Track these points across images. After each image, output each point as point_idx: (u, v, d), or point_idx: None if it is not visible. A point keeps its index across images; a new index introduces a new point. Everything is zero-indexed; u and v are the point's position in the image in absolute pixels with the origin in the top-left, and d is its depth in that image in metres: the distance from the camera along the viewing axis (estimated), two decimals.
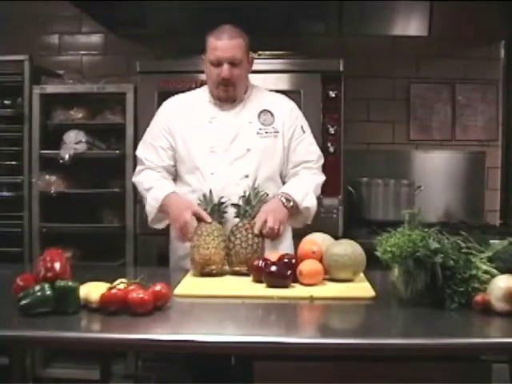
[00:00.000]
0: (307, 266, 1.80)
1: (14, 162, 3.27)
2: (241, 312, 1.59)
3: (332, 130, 3.03)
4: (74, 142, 3.17)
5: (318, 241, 1.93)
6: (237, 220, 2.04)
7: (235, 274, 1.96)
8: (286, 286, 1.75)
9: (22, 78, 3.21)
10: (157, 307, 1.52)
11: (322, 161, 2.36)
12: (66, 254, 2.74)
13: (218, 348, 1.37)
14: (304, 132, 2.31)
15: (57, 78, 3.36)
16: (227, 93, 2.19)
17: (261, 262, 1.83)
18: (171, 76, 3.05)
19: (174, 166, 2.28)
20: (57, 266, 1.55)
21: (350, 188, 3.36)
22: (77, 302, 1.50)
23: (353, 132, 3.48)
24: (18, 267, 2.24)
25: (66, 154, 3.13)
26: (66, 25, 3.73)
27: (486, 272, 1.58)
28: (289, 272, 1.77)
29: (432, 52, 3.62)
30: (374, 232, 1.81)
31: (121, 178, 3.17)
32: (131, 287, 1.52)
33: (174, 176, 2.30)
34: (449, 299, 1.54)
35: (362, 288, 1.77)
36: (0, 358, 2.08)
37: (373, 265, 1.80)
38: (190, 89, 2.44)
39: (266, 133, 2.24)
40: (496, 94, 3.65)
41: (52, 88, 3.23)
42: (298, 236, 2.07)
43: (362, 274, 1.89)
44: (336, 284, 1.82)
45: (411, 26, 3.54)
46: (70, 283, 1.51)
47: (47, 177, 3.20)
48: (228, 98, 2.22)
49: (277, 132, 2.25)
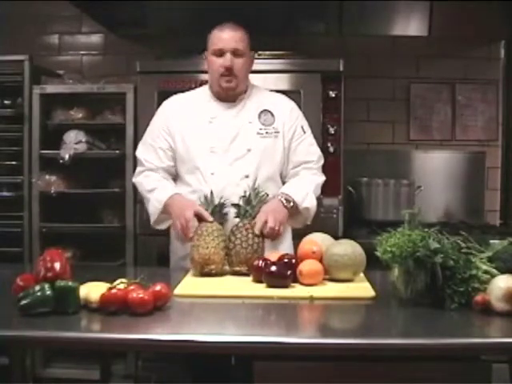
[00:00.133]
0: (307, 266, 1.80)
1: (14, 162, 3.27)
2: (241, 312, 1.58)
3: (332, 130, 3.04)
4: (74, 142, 3.17)
5: (318, 241, 1.93)
6: (237, 220, 2.04)
7: (235, 273, 1.96)
8: (286, 286, 1.75)
9: (22, 78, 3.21)
10: (157, 307, 1.51)
11: (322, 161, 2.36)
12: (66, 254, 2.75)
13: (218, 348, 1.37)
14: (304, 132, 2.30)
15: (57, 78, 3.36)
16: (229, 83, 2.19)
17: (261, 261, 1.83)
18: (171, 76, 3.05)
19: (174, 166, 2.28)
20: (57, 266, 1.55)
21: (350, 188, 3.36)
22: (77, 302, 1.50)
23: (353, 132, 3.48)
24: (18, 267, 2.24)
25: (66, 154, 3.13)
26: (66, 25, 3.73)
27: (486, 272, 1.58)
28: (289, 272, 1.77)
29: (432, 52, 3.62)
30: (374, 232, 1.81)
31: (121, 178, 3.17)
32: (131, 287, 1.51)
33: (173, 176, 2.30)
34: (449, 299, 1.54)
35: (362, 288, 1.77)
36: (0, 357, 2.08)
37: (373, 265, 1.80)
38: (189, 89, 2.44)
39: (266, 133, 2.23)
40: (496, 94, 3.65)
41: (52, 88, 3.23)
42: (298, 236, 2.07)
43: (362, 274, 1.89)
44: (336, 284, 1.82)
45: (411, 25, 3.54)
46: (70, 283, 1.51)
47: (47, 177, 3.20)
48: (230, 89, 2.21)
49: (277, 132, 2.25)
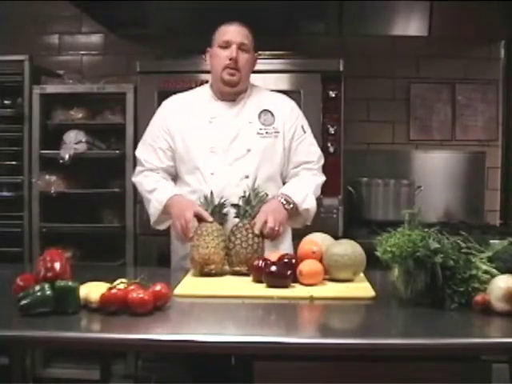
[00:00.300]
0: (307, 266, 1.80)
1: (14, 162, 3.27)
2: (241, 312, 1.58)
3: (332, 130, 3.04)
4: (74, 142, 3.17)
5: (318, 241, 1.93)
6: (237, 220, 2.04)
7: (235, 273, 1.96)
8: (286, 286, 1.75)
9: (22, 78, 3.21)
10: (157, 307, 1.51)
11: (323, 161, 2.36)
12: (66, 254, 2.75)
13: (218, 348, 1.37)
14: (305, 132, 2.30)
15: (57, 78, 3.37)
16: (232, 77, 2.18)
17: (261, 261, 1.83)
18: (171, 76, 3.05)
19: (174, 166, 2.27)
20: (57, 265, 1.55)
21: (350, 188, 3.36)
22: (77, 301, 1.50)
23: (353, 132, 3.48)
24: (18, 267, 2.24)
25: (66, 154, 3.13)
26: (66, 25, 3.73)
27: (486, 272, 1.58)
28: (289, 272, 1.77)
29: (432, 52, 3.62)
30: (374, 232, 1.81)
31: (121, 178, 3.17)
32: (131, 287, 1.51)
33: (173, 176, 2.29)
34: (449, 299, 1.54)
35: (362, 288, 1.77)
36: (0, 357, 2.08)
37: (373, 265, 1.80)
38: (189, 89, 2.43)
39: (266, 133, 2.23)
40: (496, 94, 3.65)
41: (52, 88, 3.23)
42: (298, 236, 2.06)
43: (362, 274, 1.89)
44: (336, 284, 1.82)
45: (411, 25, 3.54)
46: (70, 283, 1.51)
47: (47, 177, 3.21)
48: (232, 83, 2.20)
49: (277, 132, 2.25)
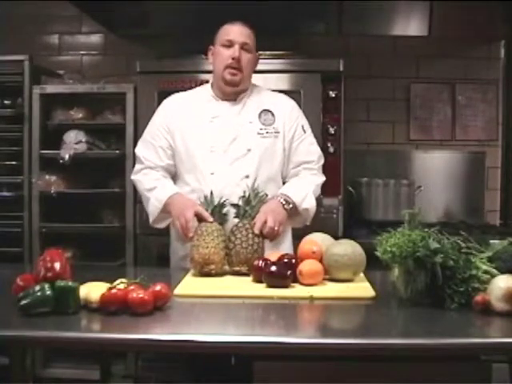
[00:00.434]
0: (307, 266, 1.80)
1: (14, 162, 3.27)
2: (241, 312, 1.58)
3: (332, 130, 3.04)
4: (74, 142, 3.17)
5: (318, 241, 1.93)
6: (237, 220, 2.04)
7: (235, 273, 1.96)
8: (286, 286, 1.75)
9: (21, 78, 3.21)
10: (157, 307, 1.51)
11: (323, 161, 2.36)
12: (66, 253, 2.73)
13: (218, 348, 1.37)
14: (305, 132, 2.30)
15: (57, 78, 3.37)
16: (234, 76, 2.19)
17: (261, 262, 1.83)
18: (171, 76, 3.05)
19: (174, 165, 2.27)
20: (57, 265, 1.55)
21: (350, 188, 3.36)
22: (77, 301, 1.50)
23: (353, 132, 3.48)
24: (18, 267, 2.24)
25: (66, 154, 3.13)
26: (66, 25, 3.73)
27: (485, 272, 1.58)
28: (289, 272, 1.77)
29: (432, 52, 3.62)
30: (374, 232, 1.80)
31: (121, 178, 3.17)
32: (131, 287, 1.51)
33: (173, 175, 2.29)
34: (449, 299, 1.54)
35: (362, 288, 1.77)
36: (0, 357, 2.08)
37: (373, 265, 1.80)
38: (189, 89, 2.43)
39: (266, 133, 2.23)
40: (496, 94, 3.66)
41: (52, 88, 3.23)
42: (298, 236, 2.06)
43: (362, 274, 1.89)
44: (336, 284, 1.81)
45: (411, 25, 3.54)
46: (70, 283, 1.51)
47: (47, 177, 3.21)
48: (233, 83, 2.21)
49: (277, 132, 2.25)
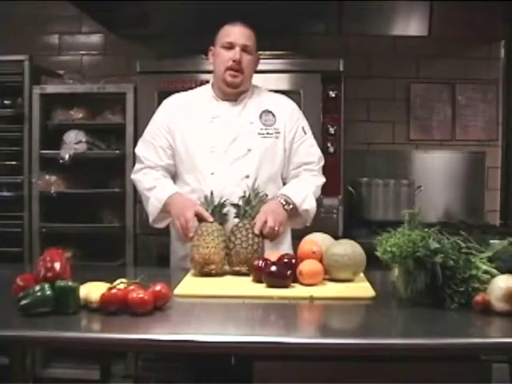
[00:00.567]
0: (307, 266, 1.80)
1: (14, 162, 3.27)
2: (241, 312, 1.58)
3: (332, 130, 3.04)
4: (74, 142, 3.17)
5: (318, 241, 1.93)
6: (237, 220, 2.04)
7: (235, 273, 1.96)
8: (286, 286, 1.75)
9: (21, 78, 3.21)
10: (157, 307, 1.51)
11: (323, 162, 2.36)
12: (66, 254, 2.73)
13: (218, 348, 1.37)
14: (305, 133, 2.30)
15: (57, 78, 3.37)
16: (234, 78, 2.19)
17: (261, 262, 1.83)
18: (171, 76, 3.05)
19: (174, 165, 2.27)
20: (57, 265, 1.55)
21: (350, 188, 3.36)
22: (77, 301, 1.50)
23: (353, 132, 3.48)
24: (18, 267, 2.24)
25: (66, 154, 3.14)
26: (66, 25, 3.73)
27: (485, 272, 1.58)
28: (289, 272, 1.77)
29: (432, 52, 3.62)
30: (374, 232, 1.81)
31: (121, 177, 3.17)
32: (131, 287, 1.51)
33: (173, 175, 2.29)
34: (449, 299, 1.54)
35: (362, 288, 1.77)
36: (0, 357, 2.08)
37: (373, 265, 1.80)
38: (189, 89, 2.43)
39: (267, 133, 2.23)
40: (496, 94, 3.66)
41: (52, 88, 3.23)
42: (298, 236, 2.06)
43: (362, 274, 1.89)
44: (336, 284, 1.81)
45: (411, 25, 3.54)
46: (70, 283, 1.51)
47: (47, 177, 3.21)
48: (234, 85, 2.21)
49: (278, 133, 2.25)
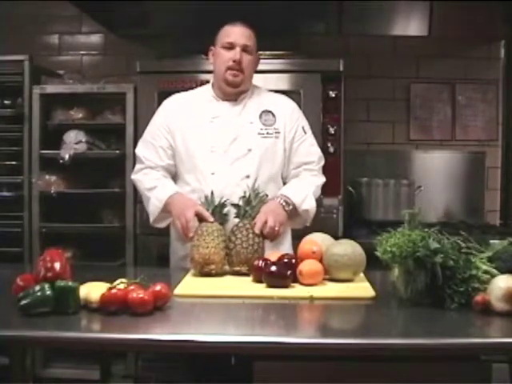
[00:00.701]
0: (307, 266, 1.80)
1: (14, 162, 3.27)
2: (241, 312, 1.58)
3: (332, 130, 3.04)
4: (74, 142, 3.17)
5: (318, 241, 1.93)
6: (237, 220, 2.04)
7: (235, 273, 1.96)
8: (286, 286, 1.75)
9: (21, 78, 3.21)
10: (157, 307, 1.51)
11: (323, 162, 2.36)
12: (66, 254, 2.74)
13: (218, 348, 1.37)
14: (305, 133, 2.30)
15: (57, 78, 3.37)
16: (235, 78, 2.19)
17: (261, 262, 1.83)
18: (171, 76, 3.05)
19: (174, 165, 2.27)
20: (57, 265, 1.55)
21: (350, 188, 3.36)
22: (77, 301, 1.50)
23: (353, 132, 3.48)
24: (18, 267, 2.24)
25: (66, 154, 3.14)
26: (66, 25, 3.73)
27: (485, 272, 1.58)
28: (289, 272, 1.77)
29: (432, 52, 3.62)
30: (374, 232, 1.81)
31: (121, 177, 3.17)
32: (131, 287, 1.51)
33: (173, 175, 2.29)
34: (449, 299, 1.54)
35: (362, 288, 1.77)
36: (0, 357, 2.08)
37: (373, 265, 1.80)
38: (189, 89, 2.43)
39: (267, 133, 2.23)
40: (496, 94, 3.66)
41: (52, 88, 3.23)
42: (298, 236, 2.06)
43: (362, 274, 1.89)
44: (336, 284, 1.81)
45: (411, 25, 3.54)
46: (70, 283, 1.51)
47: (47, 177, 3.21)
48: (235, 84, 2.21)
49: (278, 133, 2.25)
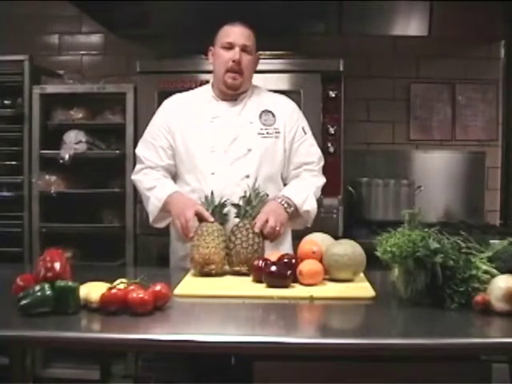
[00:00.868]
0: (307, 266, 1.80)
1: (14, 162, 3.27)
2: (241, 312, 1.58)
3: (332, 130, 3.04)
4: (74, 142, 3.17)
5: (318, 241, 1.93)
6: (237, 220, 2.04)
7: (235, 273, 1.96)
8: (286, 286, 1.75)
9: (21, 78, 3.21)
10: (157, 307, 1.51)
11: (323, 162, 2.36)
12: (66, 254, 2.74)
13: (218, 348, 1.37)
14: (305, 133, 2.30)
15: (57, 78, 3.37)
16: (234, 80, 2.19)
17: (261, 262, 1.83)
18: (171, 76, 3.05)
19: (174, 165, 2.27)
20: (57, 266, 1.55)
21: (350, 188, 3.36)
22: (77, 301, 1.50)
23: (353, 132, 3.48)
24: (18, 267, 2.25)
25: (66, 154, 3.14)
26: (66, 25, 3.74)
27: (485, 272, 1.58)
28: (289, 272, 1.77)
29: (432, 52, 3.62)
30: (374, 232, 1.81)
31: (121, 177, 3.17)
32: (131, 287, 1.51)
33: (173, 175, 2.29)
34: (449, 299, 1.54)
35: (362, 288, 1.77)
36: (0, 357, 2.08)
37: (373, 265, 1.80)
38: (189, 89, 2.44)
39: (267, 133, 2.23)
40: (496, 94, 3.66)
41: (52, 88, 3.23)
42: (298, 236, 2.06)
43: (362, 274, 1.89)
44: (336, 284, 1.82)
45: (411, 25, 3.54)
46: (70, 283, 1.51)
47: (47, 177, 3.21)
48: (234, 87, 2.21)
49: (278, 133, 2.25)
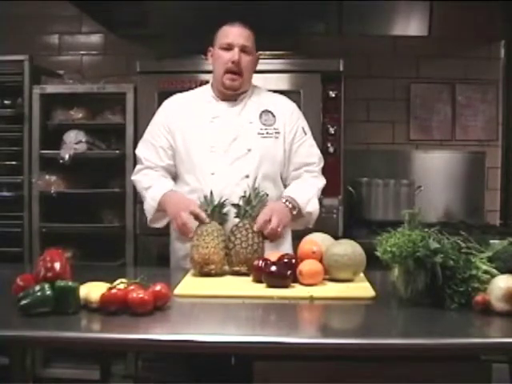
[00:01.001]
0: (307, 266, 1.80)
1: (14, 162, 3.27)
2: (241, 312, 1.58)
3: (332, 130, 3.04)
4: (74, 142, 3.17)
5: (318, 241, 1.93)
6: (237, 220, 2.04)
7: (235, 273, 1.96)
8: (286, 286, 1.75)
9: (21, 78, 3.21)
10: (157, 307, 1.51)
11: (323, 163, 2.36)
12: (66, 254, 2.74)
13: (218, 348, 1.37)
14: (305, 134, 2.30)
15: (57, 78, 3.37)
16: (233, 82, 2.19)
17: (261, 262, 1.83)
18: (171, 76, 3.05)
19: (174, 165, 2.27)
20: (57, 266, 1.55)
21: (350, 188, 3.36)
22: (77, 301, 1.50)
23: (353, 132, 3.48)
24: (18, 267, 2.25)
25: (66, 154, 3.14)
26: (66, 25, 3.74)
27: (485, 272, 1.58)
28: (289, 272, 1.77)
29: (432, 52, 3.62)
30: (374, 232, 1.81)
31: (121, 177, 3.17)
32: (131, 287, 1.51)
33: (173, 175, 2.29)
34: (449, 299, 1.54)
35: (362, 288, 1.77)
36: (0, 357, 2.08)
37: (373, 265, 1.80)
38: (189, 89, 2.44)
39: (267, 133, 2.23)
40: (496, 94, 3.66)
41: (52, 88, 3.23)
42: (298, 236, 2.06)
43: (362, 274, 1.89)
44: (336, 284, 1.82)
45: (411, 25, 3.54)
46: (70, 283, 1.51)
47: (47, 177, 3.21)
48: (233, 88, 2.21)
49: (278, 133, 2.25)
